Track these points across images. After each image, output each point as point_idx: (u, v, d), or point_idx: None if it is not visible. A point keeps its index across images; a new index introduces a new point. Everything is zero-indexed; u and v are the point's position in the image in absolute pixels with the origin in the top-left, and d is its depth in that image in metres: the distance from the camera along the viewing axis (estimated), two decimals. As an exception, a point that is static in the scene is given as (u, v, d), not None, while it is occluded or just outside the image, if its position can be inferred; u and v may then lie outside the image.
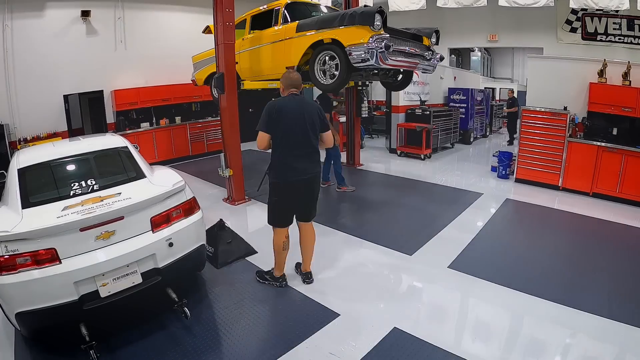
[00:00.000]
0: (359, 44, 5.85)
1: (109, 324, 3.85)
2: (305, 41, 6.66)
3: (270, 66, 7.60)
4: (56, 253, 3.24)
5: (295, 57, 6.88)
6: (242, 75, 8.17)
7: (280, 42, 7.16)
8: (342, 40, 6.06)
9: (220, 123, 7.85)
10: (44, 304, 3.18)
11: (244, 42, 8.07)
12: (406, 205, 7.70)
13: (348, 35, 6.00)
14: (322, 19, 6.51)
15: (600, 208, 7.26)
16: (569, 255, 5.49)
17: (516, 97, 14.59)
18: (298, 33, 6.78)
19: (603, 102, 7.82)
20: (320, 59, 6.54)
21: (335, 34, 6.16)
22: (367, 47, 5.75)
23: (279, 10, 7.32)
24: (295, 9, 7.43)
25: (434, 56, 7.10)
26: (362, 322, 3.97)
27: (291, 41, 6.93)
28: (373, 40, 5.73)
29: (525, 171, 8.80)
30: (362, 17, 5.82)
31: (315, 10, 7.81)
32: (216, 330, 3.89)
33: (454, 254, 5.40)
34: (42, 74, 10.07)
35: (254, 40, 7.86)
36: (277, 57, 7.34)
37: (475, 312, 4.28)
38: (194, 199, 4.29)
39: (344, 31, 6.04)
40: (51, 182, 4.02)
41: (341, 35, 6.09)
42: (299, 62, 6.85)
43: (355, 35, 5.92)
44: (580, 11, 11.65)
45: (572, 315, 4.00)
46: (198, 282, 4.82)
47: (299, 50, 6.78)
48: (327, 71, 6.48)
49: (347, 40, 6.00)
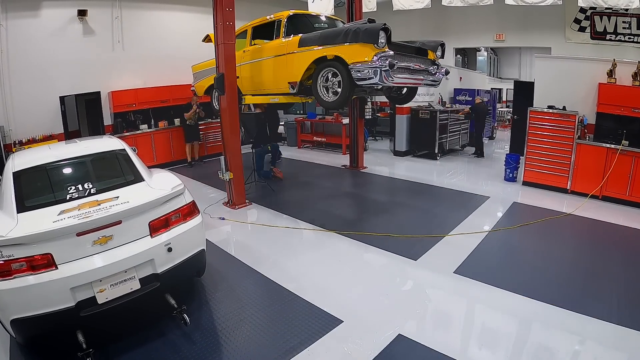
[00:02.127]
0: (362, 62, 5.84)
1: (107, 331, 3.85)
2: (307, 57, 6.66)
3: (272, 80, 7.62)
4: (52, 258, 3.24)
5: (297, 73, 6.89)
6: (244, 90, 8.23)
7: (282, 57, 7.18)
8: (346, 57, 6.06)
9: (220, 125, 7.86)
10: (40, 310, 3.19)
11: (245, 55, 8.09)
12: (411, 209, 7.71)
13: (351, 52, 6.00)
14: (325, 35, 6.51)
15: (610, 211, 7.24)
16: (578, 260, 5.47)
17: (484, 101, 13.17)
18: (300, 48, 6.79)
19: (612, 103, 7.80)
20: (323, 76, 6.55)
21: (339, 50, 6.16)
22: (371, 66, 5.75)
23: (281, 22, 7.34)
24: (297, 21, 7.46)
25: (439, 70, 7.08)
26: (366, 328, 3.96)
27: (293, 56, 6.94)
28: (377, 59, 5.73)
29: (533, 174, 8.78)
30: (366, 35, 5.81)
31: (317, 22, 7.83)
32: (216, 337, 3.88)
33: (460, 259, 5.39)
34: (37, 75, 10.11)
35: (255, 53, 7.89)
36: (279, 71, 7.36)
37: (482, 319, 4.27)
38: (194, 203, 4.29)
39: (348, 48, 6.04)
40: (47, 186, 4.04)
41: (344, 52, 6.08)
42: (302, 77, 6.88)
43: (359, 53, 5.92)
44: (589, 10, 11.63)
45: (580, 321, 3.98)
46: (198, 288, 4.82)
47: (301, 65, 6.79)
48: (329, 88, 6.51)
49: (351, 57, 5.99)
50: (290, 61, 7.02)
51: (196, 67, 9.96)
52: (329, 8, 13.37)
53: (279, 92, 7.57)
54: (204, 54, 9.89)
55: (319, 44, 6.46)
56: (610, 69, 7.85)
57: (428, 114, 11.91)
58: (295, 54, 6.88)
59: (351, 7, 10.20)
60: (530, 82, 10.74)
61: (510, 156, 9.42)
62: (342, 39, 6.09)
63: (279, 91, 7.56)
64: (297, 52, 6.84)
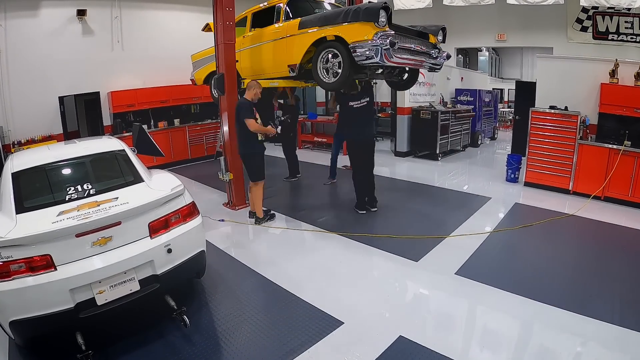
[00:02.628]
0: (363, 40, 5.79)
1: (106, 333, 3.86)
2: (307, 38, 6.63)
3: (271, 65, 7.57)
4: (51, 259, 3.25)
5: (297, 55, 6.84)
6: (243, 74, 8.17)
7: (282, 40, 7.14)
8: (346, 37, 6.01)
9: (220, 125, 7.86)
10: (39, 312, 3.19)
11: (245, 40, 8.05)
12: (412, 209, 7.70)
13: (352, 32, 5.95)
14: (325, 16, 6.48)
15: (612, 212, 7.23)
16: (580, 261, 5.47)
17: None
18: (300, 30, 6.74)
19: (615, 103, 7.79)
20: (323, 57, 6.49)
21: (339, 30, 6.11)
22: (372, 44, 5.70)
23: (281, 7, 7.29)
24: (297, 5, 7.39)
25: (441, 54, 7.07)
26: (367, 330, 3.96)
27: (293, 38, 6.90)
28: (378, 37, 5.68)
29: (535, 174, 8.78)
30: (366, 14, 5.77)
31: (318, 7, 7.78)
32: (216, 339, 3.89)
33: (461, 260, 5.39)
34: (36, 75, 10.11)
35: (254, 38, 7.85)
36: (278, 55, 7.32)
37: (484, 320, 4.28)
38: (194, 204, 4.30)
39: (348, 28, 5.99)
40: (46, 187, 4.05)
41: (345, 32, 6.03)
42: (302, 60, 6.83)
43: (359, 32, 5.86)
44: (591, 9, 11.62)
45: (583, 323, 3.98)
46: (198, 289, 4.83)
47: (301, 48, 6.75)
48: (330, 69, 6.44)
49: (351, 37, 5.94)
50: (290, 44, 6.99)
51: (195, 56, 9.92)
52: (330, 3, 13.40)
53: (279, 75, 7.52)
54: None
55: (319, 25, 6.43)
56: (612, 69, 7.85)
57: (429, 115, 11.90)
58: (296, 37, 6.84)
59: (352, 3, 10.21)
60: (531, 82, 10.75)
61: (512, 157, 9.42)
62: (342, 19, 6.06)
63: (278, 75, 7.50)
64: (297, 35, 6.80)
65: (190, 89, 11.66)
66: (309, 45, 6.60)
